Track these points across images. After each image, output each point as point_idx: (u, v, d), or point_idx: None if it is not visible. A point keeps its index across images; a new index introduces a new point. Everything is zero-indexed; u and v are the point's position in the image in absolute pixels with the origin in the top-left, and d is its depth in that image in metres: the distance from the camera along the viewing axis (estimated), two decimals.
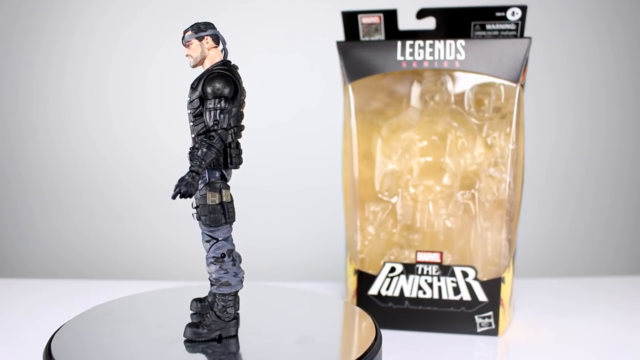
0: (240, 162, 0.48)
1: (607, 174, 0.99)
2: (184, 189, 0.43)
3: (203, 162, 0.44)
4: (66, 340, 0.47)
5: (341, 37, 0.71)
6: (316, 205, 0.96)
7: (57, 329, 0.49)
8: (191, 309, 0.53)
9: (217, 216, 0.46)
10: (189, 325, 0.47)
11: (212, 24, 0.48)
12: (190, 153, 0.47)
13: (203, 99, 0.46)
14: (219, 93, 0.45)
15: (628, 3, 0.97)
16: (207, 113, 0.45)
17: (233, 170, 0.48)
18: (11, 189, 0.99)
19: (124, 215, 0.98)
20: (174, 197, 0.44)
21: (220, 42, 0.48)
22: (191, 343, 0.46)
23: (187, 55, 0.48)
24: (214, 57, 0.48)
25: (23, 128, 0.97)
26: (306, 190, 0.97)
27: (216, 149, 0.44)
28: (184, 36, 0.48)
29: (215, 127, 0.45)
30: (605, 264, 1.00)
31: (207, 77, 0.46)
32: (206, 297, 0.53)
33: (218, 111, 0.45)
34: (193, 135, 0.47)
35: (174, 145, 0.94)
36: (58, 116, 0.97)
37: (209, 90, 0.45)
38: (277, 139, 0.96)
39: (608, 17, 0.97)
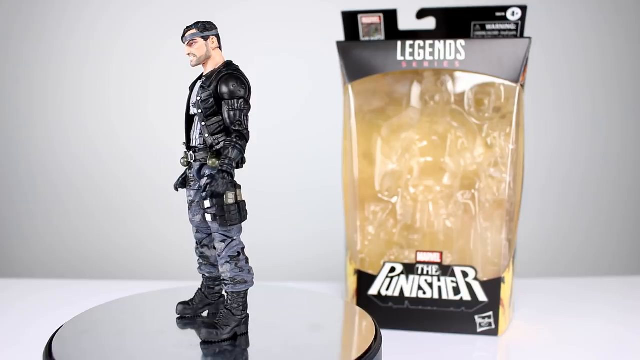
0: (245, 161, 0.48)
1: (607, 174, 0.99)
2: (218, 189, 0.44)
3: (233, 162, 0.45)
4: (66, 340, 0.47)
5: (341, 37, 0.71)
6: (316, 205, 0.96)
7: (57, 329, 0.49)
8: (177, 313, 0.52)
9: (234, 215, 0.46)
10: (205, 326, 0.47)
11: (214, 23, 0.49)
12: (193, 151, 0.47)
13: (217, 99, 0.46)
14: (238, 94, 0.46)
15: (628, 3, 0.97)
16: (228, 113, 0.46)
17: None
18: (11, 189, 0.99)
19: (124, 215, 0.98)
20: (205, 198, 0.45)
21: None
22: (207, 345, 0.46)
23: (189, 54, 0.48)
24: (216, 57, 0.48)
25: (23, 127, 0.97)
26: (306, 191, 0.97)
27: (242, 149, 0.45)
28: (185, 34, 0.47)
29: (239, 128, 0.45)
30: (605, 264, 1.00)
31: (221, 78, 0.46)
32: (192, 299, 0.52)
33: (239, 112, 0.46)
34: (206, 135, 0.46)
35: (173, 144, 0.94)
36: (58, 115, 0.97)
37: (225, 90, 0.46)
38: (276, 139, 0.96)
39: (608, 17, 0.97)
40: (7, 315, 0.71)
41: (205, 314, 0.53)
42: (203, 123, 0.47)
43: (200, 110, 0.47)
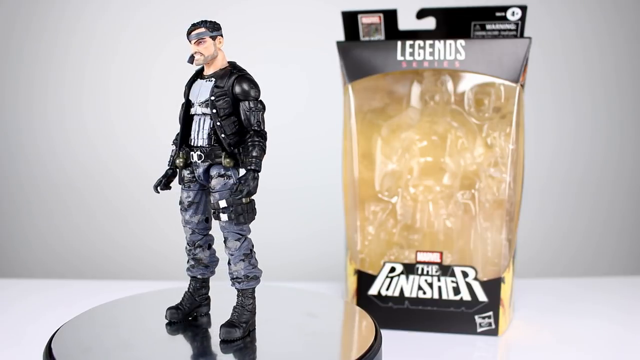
0: None
1: (607, 174, 0.99)
2: (251, 188, 0.45)
3: (260, 162, 0.46)
4: (66, 340, 0.47)
5: (341, 37, 0.71)
6: (316, 205, 0.96)
7: (57, 329, 0.49)
8: (167, 318, 0.51)
9: (250, 214, 0.47)
10: (223, 325, 0.47)
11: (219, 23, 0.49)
12: (202, 151, 0.47)
13: (233, 99, 0.46)
14: (255, 95, 0.47)
15: (628, 3, 0.97)
16: (245, 114, 0.46)
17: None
18: (11, 189, 0.99)
19: (125, 214, 0.98)
20: (239, 198, 0.45)
21: None
22: (226, 344, 0.46)
23: (196, 53, 0.47)
24: (221, 57, 0.48)
25: (23, 127, 0.97)
26: (306, 190, 0.97)
27: (265, 148, 0.46)
28: (192, 32, 0.47)
29: (258, 128, 0.46)
30: (605, 264, 1.00)
31: (237, 79, 0.47)
32: (181, 303, 0.51)
33: (258, 112, 0.46)
34: (222, 135, 0.46)
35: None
36: (58, 115, 0.97)
37: (242, 91, 0.46)
38: (276, 139, 0.96)
39: (608, 17, 0.97)
40: (7, 315, 0.71)
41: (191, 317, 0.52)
42: (219, 123, 0.46)
43: (214, 110, 0.46)
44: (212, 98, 0.46)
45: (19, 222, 0.99)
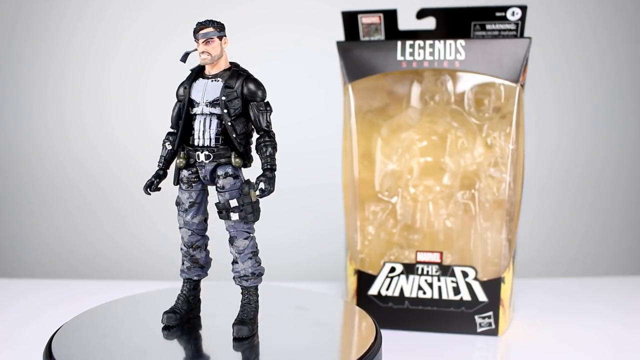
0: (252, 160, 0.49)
1: (608, 174, 0.99)
2: (272, 187, 0.46)
3: (275, 161, 0.47)
4: (66, 340, 0.47)
5: (341, 37, 0.71)
6: (316, 205, 0.96)
7: (57, 329, 0.49)
8: (163, 322, 0.49)
9: (257, 213, 0.47)
10: (234, 324, 0.47)
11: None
12: (210, 152, 0.47)
13: (243, 99, 0.47)
14: (262, 96, 0.47)
15: (628, 3, 0.97)
16: (257, 114, 0.47)
17: None
18: (11, 189, 0.98)
19: (125, 215, 0.98)
20: (262, 196, 0.46)
21: None
22: (239, 341, 0.47)
23: (204, 52, 0.47)
24: (225, 58, 0.48)
25: (22, 127, 0.97)
26: (306, 190, 0.97)
27: (276, 147, 0.47)
28: (200, 31, 0.47)
29: (268, 129, 0.47)
30: (605, 264, 1.00)
31: (244, 80, 0.47)
32: (178, 307, 0.51)
33: (267, 113, 0.47)
34: (233, 135, 0.47)
35: None
36: (58, 115, 0.97)
37: (251, 92, 0.47)
38: (276, 139, 0.96)
39: (608, 17, 0.97)
40: (7, 315, 0.71)
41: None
42: (230, 123, 0.46)
43: (226, 110, 0.46)
44: (224, 98, 0.47)
45: (19, 222, 0.99)
